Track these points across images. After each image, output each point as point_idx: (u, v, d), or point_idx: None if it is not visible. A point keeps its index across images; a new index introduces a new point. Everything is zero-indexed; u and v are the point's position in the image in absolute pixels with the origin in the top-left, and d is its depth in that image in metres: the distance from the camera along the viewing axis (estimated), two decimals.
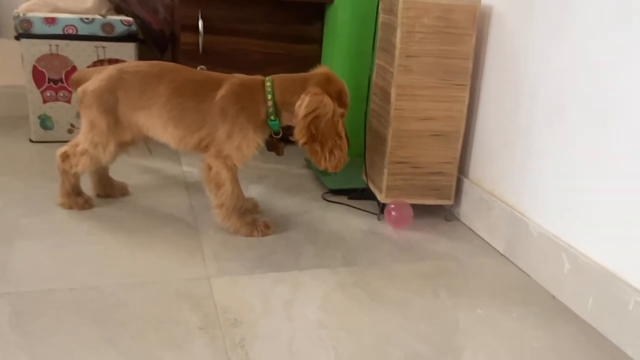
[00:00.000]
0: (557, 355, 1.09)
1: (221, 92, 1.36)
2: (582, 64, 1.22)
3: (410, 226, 1.55)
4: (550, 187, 1.32)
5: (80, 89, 1.42)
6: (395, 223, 1.54)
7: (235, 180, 1.40)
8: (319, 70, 1.40)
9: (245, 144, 1.36)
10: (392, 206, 1.53)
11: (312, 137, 1.33)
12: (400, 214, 1.52)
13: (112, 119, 1.40)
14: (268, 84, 1.37)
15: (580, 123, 1.23)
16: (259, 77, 1.40)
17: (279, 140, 1.44)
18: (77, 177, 1.49)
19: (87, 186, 1.56)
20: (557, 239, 1.28)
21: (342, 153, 1.37)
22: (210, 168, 1.38)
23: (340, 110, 1.36)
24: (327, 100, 1.33)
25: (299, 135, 1.34)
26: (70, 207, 1.50)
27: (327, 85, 1.36)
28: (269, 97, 1.36)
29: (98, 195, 1.58)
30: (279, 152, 1.47)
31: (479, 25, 1.49)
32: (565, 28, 1.26)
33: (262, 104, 1.36)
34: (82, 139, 1.44)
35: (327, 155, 1.35)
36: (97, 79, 1.40)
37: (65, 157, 1.46)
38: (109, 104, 1.39)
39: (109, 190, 1.59)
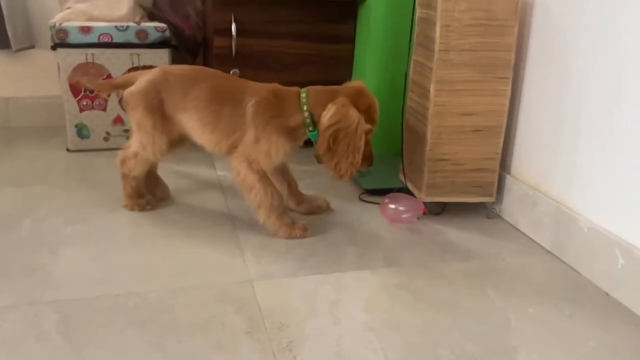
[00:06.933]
0: (616, 354, 1.05)
1: (255, 98, 1.36)
2: (635, 56, 1.17)
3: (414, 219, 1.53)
4: (600, 180, 1.27)
5: (126, 92, 1.45)
6: (391, 219, 1.54)
7: (264, 179, 1.38)
8: (352, 83, 1.39)
9: (274, 151, 1.36)
10: (392, 201, 1.54)
11: (329, 149, 1.32)
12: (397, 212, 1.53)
13: (158, 118, 1.42)
14: (303, 95, 1.37)
15: (634, 113, 1.18)
16: (294, 88, 1.40)
17: None
18: (137, 179, 1.51)
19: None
20: (610, 234, 1.23)
21: (352, 167, 1.34)
22: (238, 173, 1.38)
23: (367, 126, 1.34)
24: (353, 112, 1.31)
25: (319, 145, 1.33)
26: (132, 209, 1.53)
27: (357, 97, 1.34)
28: (305, 108, 1.35)
29: None
30: None
31: (520, 16, 1.44)
32: (616, 16, 1.21)
33: (293, 113, 1.36)
34: (132, 141, 1.47)
35: (334, 165, 1.34)
36: (142, 80, 1.43)
37: (123, 161, 1.49)
38: (154, 104, 1.41)
39: (153, 188, 1.59)
